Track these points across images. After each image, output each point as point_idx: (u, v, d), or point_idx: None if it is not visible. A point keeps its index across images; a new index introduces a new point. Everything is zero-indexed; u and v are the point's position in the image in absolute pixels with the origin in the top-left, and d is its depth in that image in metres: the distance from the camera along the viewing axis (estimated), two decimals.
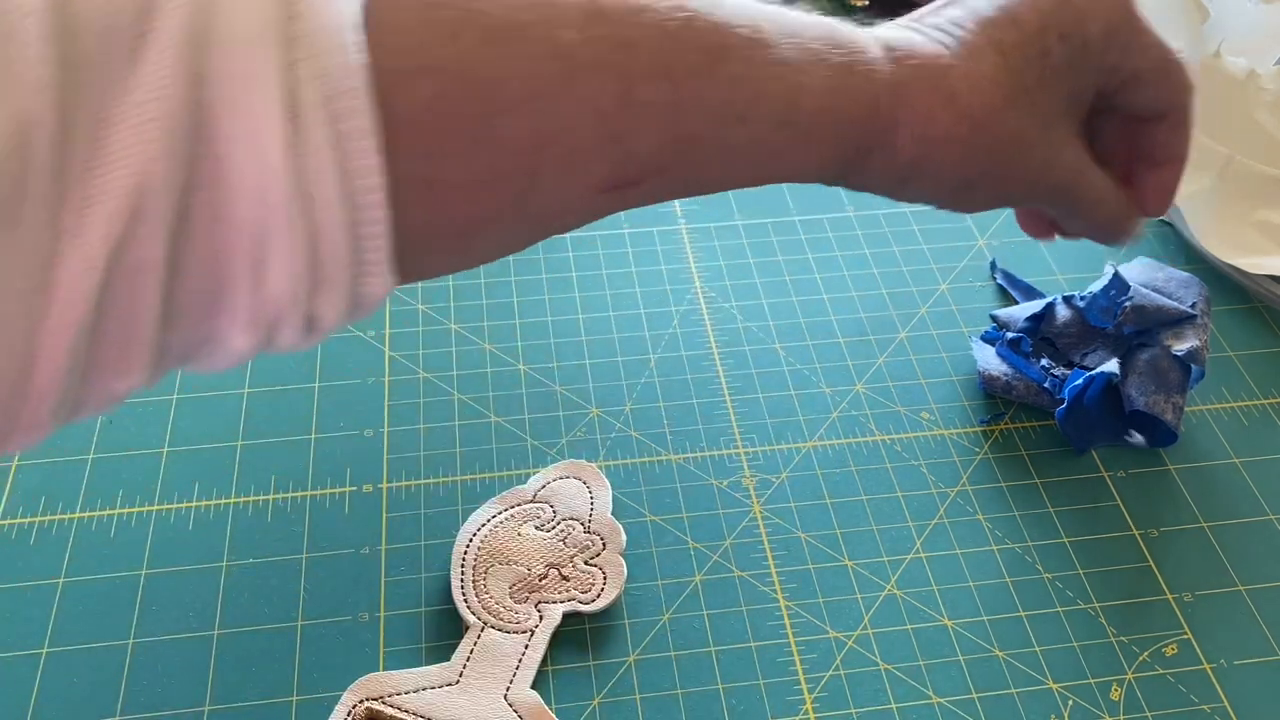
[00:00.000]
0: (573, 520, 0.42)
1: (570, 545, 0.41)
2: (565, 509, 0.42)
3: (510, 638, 0.39)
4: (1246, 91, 0.51)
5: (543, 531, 0.42)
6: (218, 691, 0.38)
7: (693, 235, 0.56)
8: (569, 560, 0.41)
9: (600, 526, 0.42)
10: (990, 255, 0.56)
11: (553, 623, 0.39)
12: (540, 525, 0.42)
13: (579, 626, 0.40)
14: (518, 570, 0.40)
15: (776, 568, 0.43)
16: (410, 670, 0.38)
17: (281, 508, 0.44)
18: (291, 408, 0.47)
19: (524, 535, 0.41)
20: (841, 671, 0.40)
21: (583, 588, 0.40)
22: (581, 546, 0.41)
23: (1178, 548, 0.44)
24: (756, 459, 0.46)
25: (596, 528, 0.42)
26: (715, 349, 0.50)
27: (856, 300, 0.53)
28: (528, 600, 0.40)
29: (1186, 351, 0.46)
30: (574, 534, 0.42)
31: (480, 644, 0.38)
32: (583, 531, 0.42)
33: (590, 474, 0.44)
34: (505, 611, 0.39)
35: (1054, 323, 0.50)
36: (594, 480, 0.44)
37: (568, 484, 0.43)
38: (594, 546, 0.41)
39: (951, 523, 0.44)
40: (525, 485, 0.43)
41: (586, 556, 0.41)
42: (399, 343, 0.50)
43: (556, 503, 0.43)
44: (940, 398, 0.49)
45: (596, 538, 0.42)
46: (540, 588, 0.40)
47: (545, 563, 0.41)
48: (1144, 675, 0.40)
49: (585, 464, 0.44)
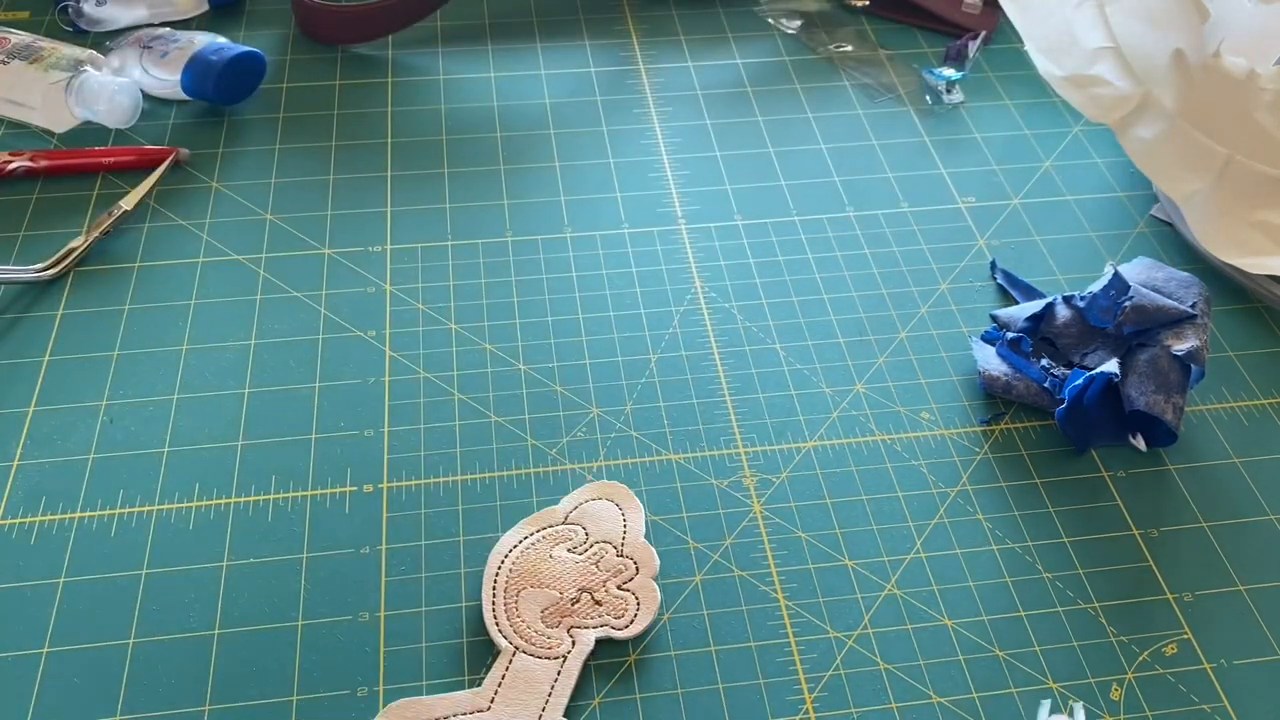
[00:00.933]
0: (605, 543, 0.41)
1: (603, 569, 0.41)
2: (598, 531, 0.42)
3: (542, 664, 0.38)
4: (1246, 91, 0.51)
5: (575, 554, 0.41)
6: (218, 691, 0.38)
7: (693, 235, 0.56)
8: (601, 585, 0.40)
9: (634, 550, 0.41)
10: (990, 255, 0.56)
11: (585, 649, 0.39)
12: (572, 548, 0.41)
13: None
14: (550, 594, 0.40)
15: (776, 568, 0.43)
16: (442, 695, 0.38)
17: (281, 508, 0.44)
18: (291, 408, 0.47)
19: (556, 558, 0.41)
20: (841, 671, 0.40)
21: (616, 613, 0.40)
22: (614, 570, 0.41)
23: (1178, 548, 0.44)
24: (756, 459, 0.46)
25: (630, 551, 0.41)
26: (715, 349, 0.50)
27: (856, 300, 0.53)
28: (559, 625, 0.39)
29: (1186, 351, 0.46)
30: (607, 557, 0.41)
31: (512, 669, 0.38)
32: (615, 555, 0.41)
33: (623, 496, 0.43)
34: (537, 636, 0.39)
35: (1054, 323, 0.50)
36: (627, 502, 0.43)
37: (600, 505, 0.43)
38: (627, 570, 0.41)
39: (951, 523, 0.44)
40: (557, 506, 0.43)
41: (620, 581, 0.40)
42: (399, 343, 0.50)
43: (589, 525, 0.42)
44: (940, 398, 0.49)
45: (630, 561, 0.41)
46: (572, 612, 0.39)
47: (577, 586, 0.40)
48: (1144, 675, 0.40)
49: (618, 485, 0.44)
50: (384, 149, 0.60)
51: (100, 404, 0.47)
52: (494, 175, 0.59)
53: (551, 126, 0.62)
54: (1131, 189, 0.60)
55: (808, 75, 0.67)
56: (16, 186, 0.56)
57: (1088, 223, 0.58)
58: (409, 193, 0.57)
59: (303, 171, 0.58)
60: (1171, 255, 0.56)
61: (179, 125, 0.60)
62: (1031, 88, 0.66)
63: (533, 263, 0.54)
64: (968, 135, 0.63)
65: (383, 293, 0.52)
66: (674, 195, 0.58)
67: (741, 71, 0.67)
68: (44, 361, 0.48)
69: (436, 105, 0.63)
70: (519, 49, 0.67)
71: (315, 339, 0.50)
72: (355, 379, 0.48)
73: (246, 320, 0.50)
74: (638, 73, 0.66)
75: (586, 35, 0.69)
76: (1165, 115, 0.53)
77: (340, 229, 0.55)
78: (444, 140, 0.60)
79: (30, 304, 0.51)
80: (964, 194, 0.59)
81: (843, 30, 0.70)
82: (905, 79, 0.66)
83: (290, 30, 0.67)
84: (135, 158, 0.57)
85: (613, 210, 0.57)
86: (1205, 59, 0.52)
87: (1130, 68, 0.54)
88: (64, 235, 0.53)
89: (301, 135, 0.60)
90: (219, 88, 0.59)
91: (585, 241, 0.55)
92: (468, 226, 0.55)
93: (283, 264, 0.53)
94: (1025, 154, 0.62)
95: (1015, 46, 0.68)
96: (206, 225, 0.55)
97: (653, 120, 0.63)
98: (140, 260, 0.53)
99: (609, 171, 0.59)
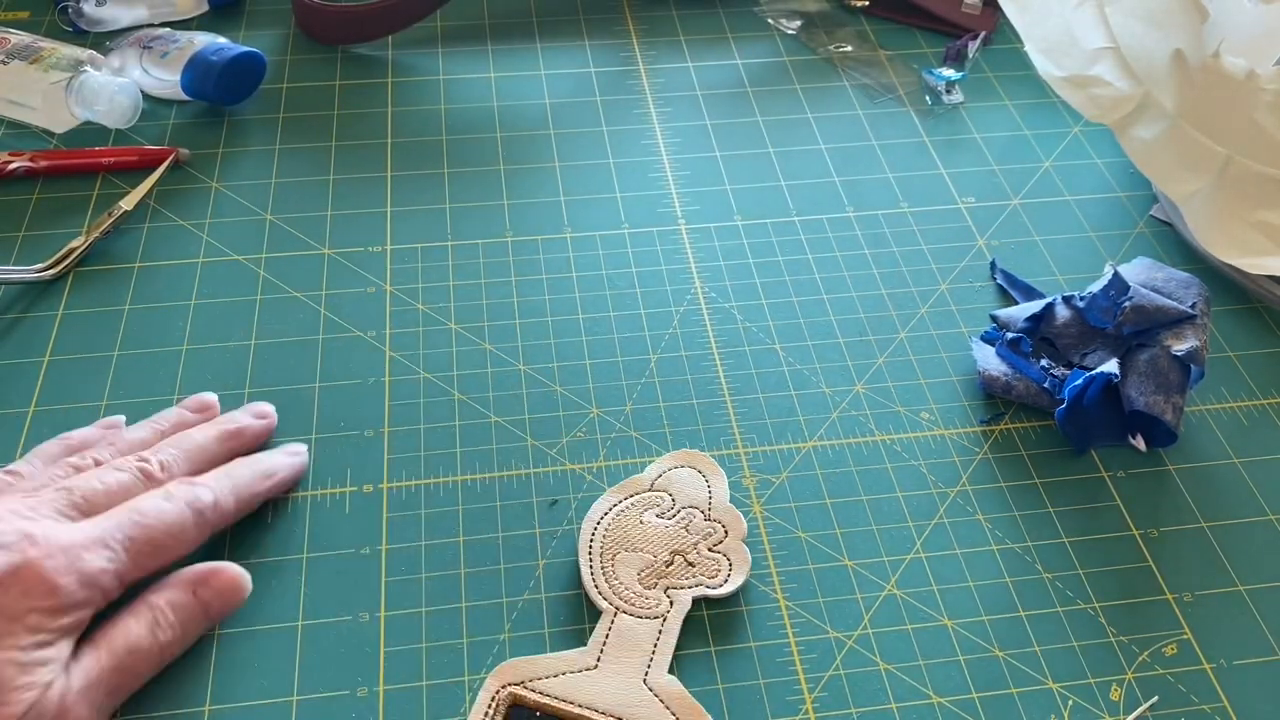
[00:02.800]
0: (693, 508, 0.43)
1: (693, 533, 0.42)
2: (684, 497, 0.43)
3: (644, 623, 0.39)
4: (1246, 91, 0.51)
5: (664, 520, 0.42)
6: (218, 691, 0.38)
7: (693, 235, 0.56)
8: (693, 547, 0.42)
9: (721, 514, 0.43)
10: (990, 255, 0.56)
11: (684, 608, 0.40)
12: (661, 513, 0.43)
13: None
14: (644, 557, 0.41)
15: (776, 568, 0.43)
16: (549, 655, 0.39)
17: (281, 508, 0.44)
18: (291, 408, 0.47)
19: (646, 523, 0.42)
20: (841, 671, 0.40)
21: (709, 573, 0.41)
22: (704, 534, 0.42)
23: (1178, 548, 0.44)
24: (756, 459, 0.46)
25: (717, 515, 0.43)
26: (715, 349, 0.50)
27: (856, 300, 0.53)
28: (656, 586, 0.40)
29: (1186, 351, 0.46)
30: (695, 521, 0.42)
31: (615, 629, 0.39)
32: (703, 519, 0.42)
33: (705, 463, 0.45)
34: (636, 597, 0.40)
35: (1054, 323, 0.50)
36: (709, 469, 0.44)
37: (683, 473, 0.44)
38: (716, 534, 0.42)
39: (951, 523, 0.44)
40: (643, 474, 0.44)
41: (710, 543, 0.42)
42: (399, 343, 0.50)
43: (675, 491, 0.43)
44: (940, 398, 0.49)
45: (718, 525, 0.42)
46: (667, 574, 0.41)
47: (670, 550, 0.41)
48: (1144, 675, 0.40)
49: (698, 453, 0.45)
50: (384, 149, 0.60)
51: (100, 404, 0.47)
52: (494, 175, 0.59)
53: (551, 126, 0.62)
54: (1131, 189, 0.60)
55: (808, 75, 0.67)
56: (16, 186, 0.56)
57: (1087, 223, 0.58)
58: (409, 193, 0.57)
59: (303, 171, 0.58)
60: (1171, 255, 0.56)
61: (179, 125, 0.60)
62: (1031, 88, 0.66)
63: (533, 263, 0.54)
64: (967, 135, 0.63)
65: (383, 293, 0.52)
66: (674, 195, 0.58)
67: (741, 72, 0.67)
68: (44, 361, 0.48)
69: (436, 105, 0.63)
70: (519, 49, 0.67)
71: (315, 339, 0.50)
72: (355, 379, 0.48)
73: (246, 320, 0.50)
74: (638, 73, 0.66)
75: (586, 35, 0.69)
76: (1165, 115, 0.53)
77: (340, 229, 0.55)
78: (444, 140, 0.60)
79: (30, 304, 0.51)
80: (964, 194, 0.59)
81: (843, 30, 0.70)
82: (905, 79, 0.66)
83: (290, 30, 0.67)
84: (135, 158, 0.57)
85: (613, 210, 0.57)
86: (1205, 59, 0.52)
87: (1130, 68, 0.54)
88: (64, 235, 0.53)
89: (301, 135, 0.60)
90: (219, 88, 0.59)
91: (585, 241, 0.55)
92: (468, 226, 0.55)
93: (283, 264, 0.53)
94: (1025, 154, 0.62)
95: (1015, 46, 0.68)
96: (206, 225, 0.55)
97: (653, 120, 0.63)
98: (140, 260, 0.53)
99: (609, 171, 0.59)
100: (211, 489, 0.40)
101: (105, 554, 0.36)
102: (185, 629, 0.38)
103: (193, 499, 0.39)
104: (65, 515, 0.37)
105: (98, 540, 0.36)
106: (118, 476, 0.39)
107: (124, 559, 0.36)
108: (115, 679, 0.36)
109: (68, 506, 0.37)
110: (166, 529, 0.38)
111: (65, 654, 0.35)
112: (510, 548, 0.43)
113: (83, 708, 0.34)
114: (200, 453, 0.42)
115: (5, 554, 0.34)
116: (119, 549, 0.36)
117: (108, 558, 0.36)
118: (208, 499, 0.39)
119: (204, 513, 0.39)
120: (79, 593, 0.35)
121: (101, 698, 0.35)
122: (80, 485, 0.38)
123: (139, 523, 0.37)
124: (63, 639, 0.35)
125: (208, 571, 0.39)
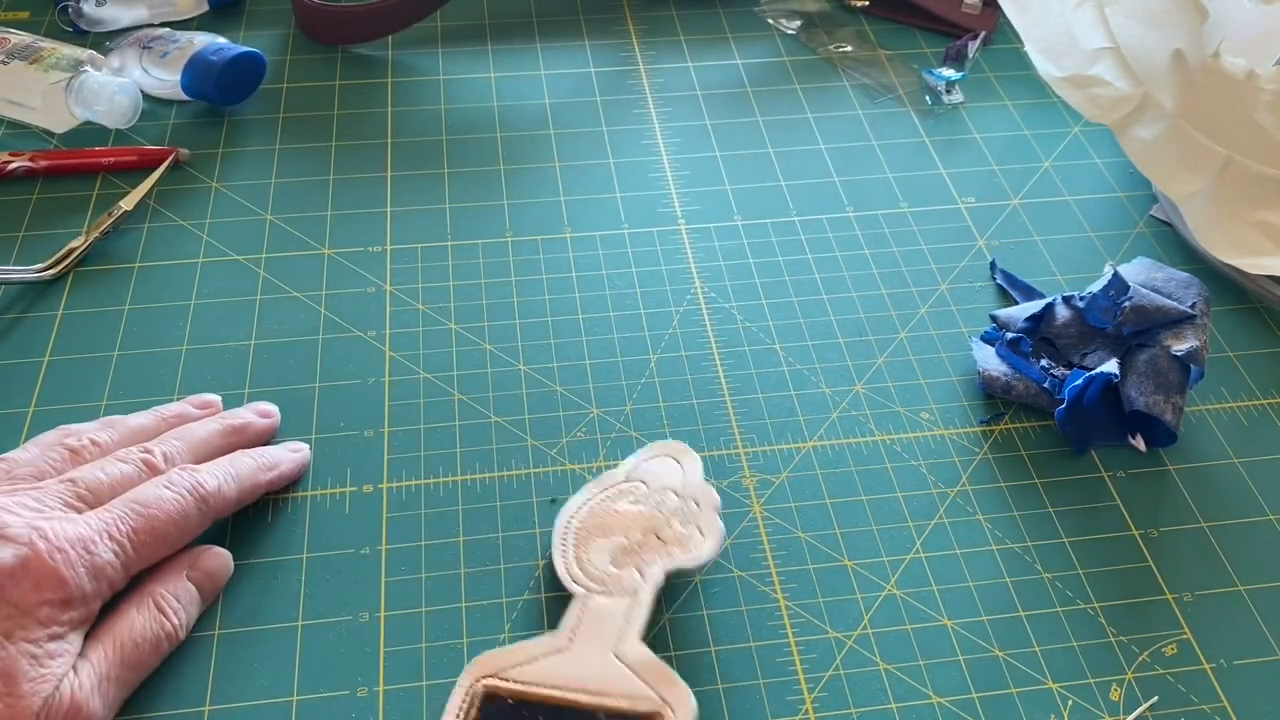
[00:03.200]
0: (666, 489, 0.43)
1: (665, 511, 0.42)
2: (658, 482, 0.43)
3: (615, 600, 0.39)
4: (1246, 91, 0.51)
5: (639, 505, 0.42)
6: (218, 691, 0.38)
7: (693, 235, 0.56)
8: (665, 523, 0.41)
9: (693, 491, 0.42)
10: (990, 255, 0.56)
11: (655, 580, 0.40)
12: (635, 500, 0.42)
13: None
14: (617, 541, 0.41)
15: (776, 568, 0.43)
16: (522, 643, 0.38)
17: (282, 508, 0.44)
18: (291, 408, 0.47)
19: (620, 510, 0.42)
20: (841, 671, 0.40)
21: (681, 546, 0.41)
22: (675, 510, 0.42)
23: (1178, 548, 0.44)
24: (756, 459, 0.46)
25: (689, 493, 0.42)
26: (715, 349, 0.50)
27: (856, 300, 0.53)
28: (627, 565, 0.40)
29: (1186, 351, 0.46)
30: (667, 500, 0.42)
31: (587, 610, 0.39)
32: (675, 497, 0.42)
33: (678, 450, 0.44)
34: (608, 579, 0.40)
35: (1054, 323, 0.50)
36: (683, 455, 0.44)
37: (657, 463, 0.44)
38: (688, 508, 0.42)
39: (951, 523, 0.44)
40: (616, 470, 0.44)
41: (681, 519, 0.42)
42: (399, 343, 0.50)
43: (649, 479, 0.43)
44: (940, 398, 0.49)
45: (690, 501, 0.42)
46: (639, 550, 0.41)
47: (642, 529, 0.41)
48: (1144, 675, 0.40)
49: (673, 443, 0.45)
50: (384, 149, 0.60)
51: (100, 404, 0.47)
52: (494, 175, 0.59)
53: (551, 126, 0.62)
54: (1131, 189, 0.60)
55: (808, 75, 0.67)
56: (16, 186, 0.56)
57: (1087, 223, 0.58)
58: (409, 193, 0.57)
59: (303, 171, 0.58)
60: (1171, 255, 0.56)
61: (179, 125, 0.60)
62: (1031, 88, 0.66)
63: (533, 263, 0.54)
64: (967, 135, 0.63)
65: (383, 293, 0.52)
66: (674, 195, 0.58)
67: (741, 72, 0.67)
68: (44, 361, 0.48)
69: (436, 105, 0.63)
70: (519, 49, 0.67)
71: (315, 339, 0.50)
72: (355, 379, 0.48)
73: (246, 320, 0.50)
74: (638, 73, 0.66)
75: (586, 35, 0.69)
76: (1165, 115, 0.53)
77: (340, 229, 0.55)
78: (444, 140, 0.60)
79: (30, 304, 0.51)
80: (964, 194, 0.59)
81: (843, 30, 0.70)
82: (905, 79, 0.66)
83: (290, 30, 0.67)
84: (135, 158, 0.57)
85: (613, 210, 0.57)
86: (1205, 59, 0.52)
87: (1130, 68, 0.54)
88: (64, 235, 0.53)
89: (301, 135, 0.60)
90: (219, 88, 0.59)
91: (585, 241, 0.55)
92: (468, 226, 0.55)
93: (283, 264, 0.53)
94: (1025, 154, 0.62)
95: (1015, 47, 0.68)
96: (206, 225, 0.55)
97: (653, 120, 0.63)
98: (140, 260, 0.53)
99: (609, 172, 0.59)
100: (214, 475, 0.40)
101: (112, 546, 0.36)
102: (187, 614, 0.39)
103: (194, 485, 0.39)
104: (71, 507, 0.37)
105: (104, 532, 0.36)
106: (121, 468, 0.39)
107: (129, 550, 0.37)
108: (124, 672, 0.36)
109: (73, 499, 0.37)
110: (169, 518, 0.38)
111: (77, 647, 0.35)
112: (510, 548, 0.43)
113: (95, 701, 0.35)
114: (203, 445, 0.42)
115: (15, 548, 0.34)
116: (124, 540, 0.37)
117: (114, 550, 0.36)
118: (210, 485, 0.40)
119: (206, 500, 0.39)
120: (88, 585, 0.35)
121: (112, 691, 0.36)
122: (84, 477, 0.38)
123: (142, 513, 0.37)
124: (73, 632, 0.35)
125: (195, 554, 0.40)
